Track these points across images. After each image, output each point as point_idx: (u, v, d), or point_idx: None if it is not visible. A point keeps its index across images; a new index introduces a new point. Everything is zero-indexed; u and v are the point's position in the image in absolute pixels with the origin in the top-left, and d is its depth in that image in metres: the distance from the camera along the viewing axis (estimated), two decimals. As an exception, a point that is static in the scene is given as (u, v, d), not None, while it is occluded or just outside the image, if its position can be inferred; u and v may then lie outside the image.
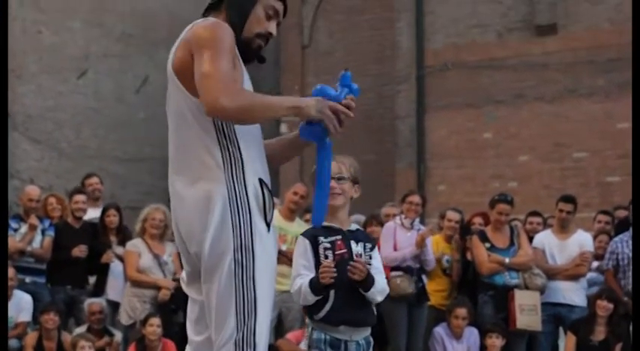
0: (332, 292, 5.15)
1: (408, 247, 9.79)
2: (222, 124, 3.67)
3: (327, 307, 5.15)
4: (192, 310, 3.89)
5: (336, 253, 5.20)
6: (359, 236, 5.36)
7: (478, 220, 11.09)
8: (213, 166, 3.65)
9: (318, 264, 5.19)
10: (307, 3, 19.67)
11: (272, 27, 3.87)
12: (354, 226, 5.44)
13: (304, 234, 5.35)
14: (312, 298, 5.14)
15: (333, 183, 5.12)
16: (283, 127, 18.68)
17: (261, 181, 3.73)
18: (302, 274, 5.19)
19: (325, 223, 5.24)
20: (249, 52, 3.82)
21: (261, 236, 3.68)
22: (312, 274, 5.15)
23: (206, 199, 3.63)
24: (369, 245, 5.35)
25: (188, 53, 3.64)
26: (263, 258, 3.66)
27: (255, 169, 3.73)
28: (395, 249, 9.80)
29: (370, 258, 5.30)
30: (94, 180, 11.84)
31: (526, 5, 16.63)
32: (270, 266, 3.73)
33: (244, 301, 3.61)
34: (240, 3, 3.81)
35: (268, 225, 3.73)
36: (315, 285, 5.11)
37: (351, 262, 5.13)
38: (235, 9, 3.80)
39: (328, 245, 5.21)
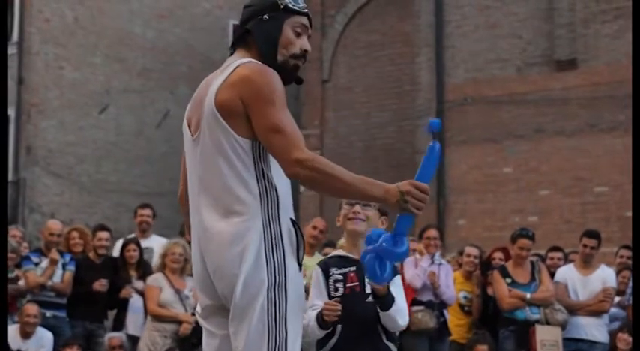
0: (339, 326, 5.05)
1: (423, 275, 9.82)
2: (261, 163, 3.69)
3: (333, 341, 5.06)
4: (208, 344, 3.86)
5: (347, 285, 5.09)
6: None
7: (498, 254, 11.06)
8: (251, 201, 3.64)
9: (330, 295, 5.10)
10: (327, 38, 19.77)
11: (304, 43, 3.86)
12: None
13: (319, 263, 5.28)
14: (319, 333, 5.04)
15: (357, 208, 5.07)
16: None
17: (292, 220, 3.73)
18: (314, 304, 5.10)
19: (342, 253, 5.16)
20: (286, 74, 3.81)
21: (293, 274, 3.67)
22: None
23: (241, 235, 3.62)
24: None
25: (237, 98, 3.65)
26: (294, 296, 3.65)
27: (287, 208, 3.74)
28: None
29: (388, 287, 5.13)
30: (147, 212, 11.65)
31: (546, 40, 16.66)
32: (300, 305, 3.72)
33: (276, 340, 3.59)
34: (267, 31, 3.80)
35: (300, 264, 3.73)
36: (320, 320, 5.00)
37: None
38: (264, 39, 3.80)
39: (340, 277, 5.11)
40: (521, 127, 16.66)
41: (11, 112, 19.73)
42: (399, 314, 5.08)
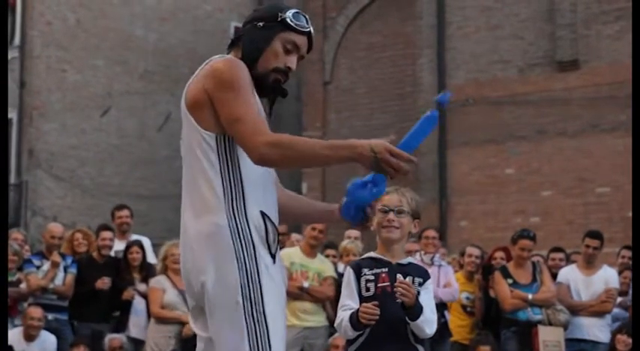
0: None
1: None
2: (226, 158, 3.65)
3: (361, 340, 5.03)
4: (198, 348, 3.79)
5: (379, 285, 5.08)
6: (409, 270, 5.15)
7: (500, 254, 11.06)
8: (214, 199, 3.61)
9: (360, 295, 5.10)
10: (329, 39, 19.77)
11: (291, 61, 3.81)
12: (406, 260, 5.25)
13: (350, 264, 5.30)
14: (352, 333, 5.01)
15: (391, 216, 5.08)
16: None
17: (262, 213, 3.67)
18: (345, 305, 5.08)
19: (375, 255, 5.17)
20: (265, 86, 3.77)
21: (267, 268, 3.61)
22: (356, 305, 5.03)
23: (208, 233, 3.59)
24: (419, 280, 5.13)
25: (202, 90, 3.64)
26: (271, 290, 3.60)
27: (257, 201, 3.67)
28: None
29: (418, 293, 5.06)
30: (125, 212, 11.70)
31: (547, 41, 16.67)
32: (279, 298, 3.66)
33: (257, 337, 3.53)
34: (255, 38, 3.78)
35: (273, 256, 3.67)
36: (354, 321, 4.98)
37: (400, 280, 4.96)
38: (250, 44, 3.77)
39: (371, 277, 5.08)
40: (523, 128, 16.66)
41: (13, 115, 19.78)
42: (427, 324, 5.05)
